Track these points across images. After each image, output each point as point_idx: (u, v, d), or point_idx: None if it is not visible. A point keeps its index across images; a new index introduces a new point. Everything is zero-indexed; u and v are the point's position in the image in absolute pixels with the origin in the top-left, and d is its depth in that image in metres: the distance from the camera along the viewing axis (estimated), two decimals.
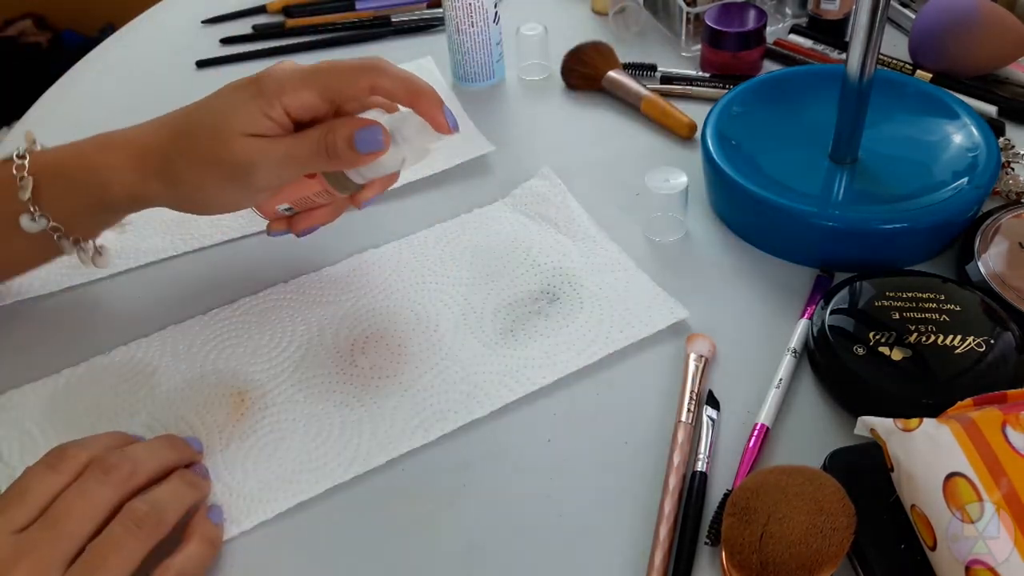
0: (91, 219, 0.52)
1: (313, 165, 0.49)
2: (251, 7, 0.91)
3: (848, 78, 0.54)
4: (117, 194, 0.50)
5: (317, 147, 0.47)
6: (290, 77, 0.48)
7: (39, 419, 0.51)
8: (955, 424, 0.38)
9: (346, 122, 0.48)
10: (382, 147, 0.48)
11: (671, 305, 0.54)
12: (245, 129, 0.47)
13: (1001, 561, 0.34)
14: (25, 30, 1.94)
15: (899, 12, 0.79)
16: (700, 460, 0.45)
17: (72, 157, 0.50)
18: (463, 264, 0.59)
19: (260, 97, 0.47)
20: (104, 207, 0.51)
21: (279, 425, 0.50)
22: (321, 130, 0.48)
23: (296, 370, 0.53)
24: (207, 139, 0.47)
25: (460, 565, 0.43)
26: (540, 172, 0.65)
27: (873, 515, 0.40)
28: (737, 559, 0.39)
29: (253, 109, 0.47)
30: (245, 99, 0.47)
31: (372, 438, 0.48)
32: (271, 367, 0.53)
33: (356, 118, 0.49)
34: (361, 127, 0.47)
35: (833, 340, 0.48)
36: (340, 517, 0.45)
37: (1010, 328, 0.47)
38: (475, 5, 0.71)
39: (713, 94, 0.72)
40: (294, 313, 0.56)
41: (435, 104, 0.49)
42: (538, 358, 0.52)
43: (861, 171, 0.58)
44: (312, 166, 0.49)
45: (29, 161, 0.50)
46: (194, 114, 0.49)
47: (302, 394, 0.51)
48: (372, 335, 0.54)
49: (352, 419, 0.49)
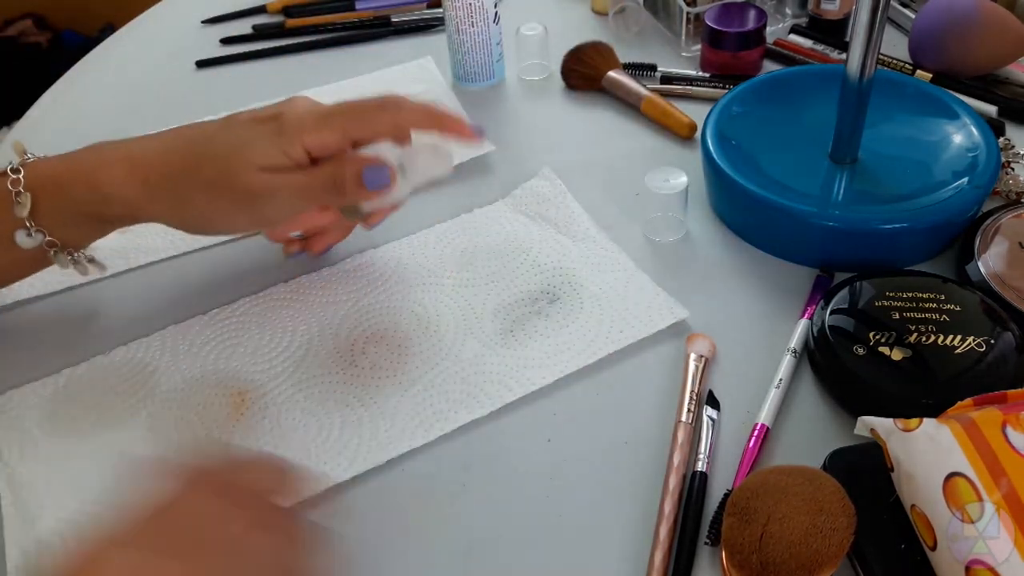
0: (87, 233, 0.52)
1: (324, 200, 0.50)
2: (251, 7, 0.91)
3: (848, 78, 0.54)
4: (118, 211, 0.49)
5: (327, 183, 0.48)
6: (312, 116, 0.48)
7: (39, 419, 0.51)
8: (955, 424, 0.38)
9: (355, 159, 0.49)
10: (389, 183, 0.49)
11: (671, 305, 0.54)
12: (262, 163, 0.47)
13: (1001, 561, 0.34)
14: (25, 30, 1.94)
15: (899, 12, 0.79)
16: (700, 460, 0.45)
17: (70, 171, 0.49)
18: (463, 264, 0.59)
19: (281, 135, 0.47)
20: (102, 222, 0.51)
21: (279, 425, 0.50)
22: (332, 166, 0.48)
23: (296, 370, 0.53)
24: (222, 169, 0.47)
25: (460, 565, 0.43)
26: (540, 172, 0.65)
27: (873, 515, 0.40)
28: (737, 559, 0.39)
29: (272, 146, 0.47)
30: (265, 134, 0.48)
31: (372, 438, 0.48)
32: (271, 367, 0.53)
33: (364, 156, 0.49)
34: (369, 165, 0.48)
35: (833, 340, 0.48)
36: (340, 516, 0.45)
37: (1010, 328, 0.47)
38: (475, 5, 0.71)
39: (713, 94, 0.72)
40: (294, 313, 0.56)
41: (458, 124, 0.51)
42: (538, 358, 0.52)
43: (861, 171, 0.58)
44: (323, 200, 0.50)
45: (24, 175, 0.48)
46: (206, 143, 0.49)
47: (302, 394, 0.51)
48: (372, 335, 0.54)
49: (352, 419, 0.49)
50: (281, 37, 0.87)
